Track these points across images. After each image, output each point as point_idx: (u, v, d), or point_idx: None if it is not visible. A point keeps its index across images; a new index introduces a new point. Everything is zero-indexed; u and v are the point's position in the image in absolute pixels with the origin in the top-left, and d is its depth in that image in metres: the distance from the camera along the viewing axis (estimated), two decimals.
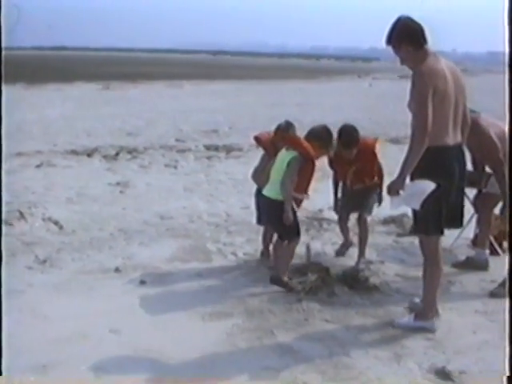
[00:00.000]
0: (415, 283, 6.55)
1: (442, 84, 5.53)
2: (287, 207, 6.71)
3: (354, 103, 30.46)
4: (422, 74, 5.54)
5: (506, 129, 6.26)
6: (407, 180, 5.67)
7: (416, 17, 5.68)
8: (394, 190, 5.67)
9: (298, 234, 6.95)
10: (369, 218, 7.90)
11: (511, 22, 4.68)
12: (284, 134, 7.28)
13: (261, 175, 7.45)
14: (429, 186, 5.59)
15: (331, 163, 7.79)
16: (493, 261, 7.61)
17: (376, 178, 7.58)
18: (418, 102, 5.52)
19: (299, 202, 7.12)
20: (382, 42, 5.78)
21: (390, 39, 5.73)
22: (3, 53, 4.85)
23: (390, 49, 5.78)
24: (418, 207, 5.70)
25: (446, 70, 5.62)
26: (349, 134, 7.40)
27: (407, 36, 5.64)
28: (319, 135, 6.91)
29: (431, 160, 5.56)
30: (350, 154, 7.43)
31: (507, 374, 4.58)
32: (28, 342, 5.55)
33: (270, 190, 6.92)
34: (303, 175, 6.78)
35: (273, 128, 7.55)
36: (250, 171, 7.82)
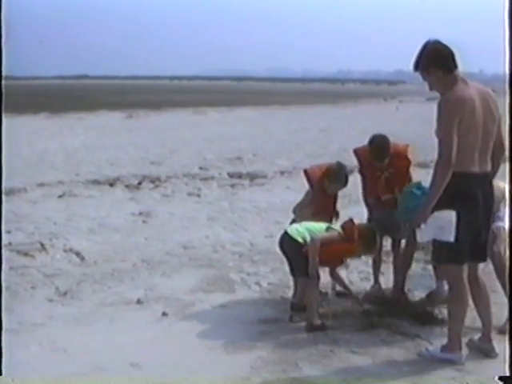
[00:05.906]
0: (445, 312, 6.32)
1: (470, 112, 5.36)
2: (312, 262, 6.50)
3: (380, 128, 30.15)
4: (447, 102, 5.39)
5: None
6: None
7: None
8: (417, 223, 5.60)
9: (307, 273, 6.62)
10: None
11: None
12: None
13: (304, 211, 7.27)
14: (451, 214, 5.45)
15: (362, 170, 7.51)
16: None
17: None
18: (442, 133, 5.39)
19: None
20: (407, 65, 5.62)
21: (418, 64, 5.55)
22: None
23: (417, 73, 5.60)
24: (451, 239, 5.50)
25: (477, 96, 5.45)
26: (380, 145, 7.19)
27: (436, 60, 5.47)
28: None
29: (453, 186, 5.40)
30: (382, 164, 7.21)
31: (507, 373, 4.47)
32: (47, 376, 5.45)
33: (292, 229, 6.75)
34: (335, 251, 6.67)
35: (297, 154, 7.38)
36: (292, 206, 7.57)
